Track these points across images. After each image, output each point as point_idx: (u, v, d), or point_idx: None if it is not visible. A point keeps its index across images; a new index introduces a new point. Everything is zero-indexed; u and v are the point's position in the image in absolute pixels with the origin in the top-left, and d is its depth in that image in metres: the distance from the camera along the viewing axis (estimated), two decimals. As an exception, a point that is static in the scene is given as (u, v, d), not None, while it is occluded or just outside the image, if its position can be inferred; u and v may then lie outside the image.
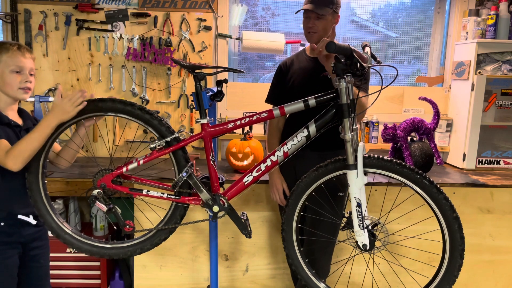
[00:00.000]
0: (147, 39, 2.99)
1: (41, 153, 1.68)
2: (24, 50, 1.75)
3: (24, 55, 1.74)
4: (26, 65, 1.74)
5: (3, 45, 1.74)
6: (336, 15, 2.03)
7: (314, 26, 2.00)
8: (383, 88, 1.59)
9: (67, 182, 2.45)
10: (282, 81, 2.18)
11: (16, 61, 1.72)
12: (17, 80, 1.72)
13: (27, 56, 1.75)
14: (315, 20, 1.99)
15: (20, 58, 1.73)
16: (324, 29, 2.01)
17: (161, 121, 1.65)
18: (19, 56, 1.73)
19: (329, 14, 1.98)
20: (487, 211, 2.63)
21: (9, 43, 1.75)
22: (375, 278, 2.11)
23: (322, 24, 1.99)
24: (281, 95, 2.15)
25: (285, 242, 1.75)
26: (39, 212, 1.73)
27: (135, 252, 1.78)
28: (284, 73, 2.18)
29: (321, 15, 1.96)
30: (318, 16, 1.98)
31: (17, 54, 1.73)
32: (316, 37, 2.02)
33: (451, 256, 1.56)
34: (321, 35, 2.01)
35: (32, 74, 1.78)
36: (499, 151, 2.97)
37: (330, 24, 2.03)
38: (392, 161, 1.54)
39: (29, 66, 1.76)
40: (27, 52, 1.77)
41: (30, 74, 1.76)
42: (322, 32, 2.01)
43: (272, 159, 1.68)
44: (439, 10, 3.27)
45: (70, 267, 2.65)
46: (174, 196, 1.72)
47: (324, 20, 1.99)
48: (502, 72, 2.92)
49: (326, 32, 2.02)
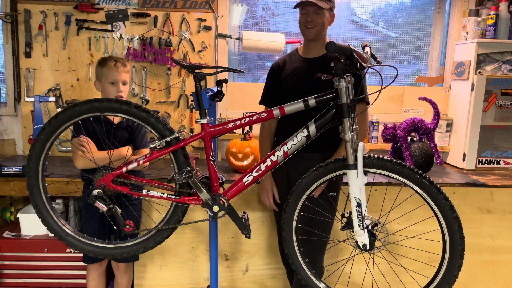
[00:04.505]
0: (147, 39, 2.99)
1: (40, 156, 1.67)
2: (118, 65, 2.13)
3: (118, 69, 2.12)
4: (119, 77, 2.12)
5: (104, 61, 2.15)
6: (332, 13, 2.04)
7: (312, 20, 2.00)
8: (383, 88, 1.59)
9: (67, 182, 2.45)
10: (275, 82, 2.17)
11: (111, 75, 2.11)
12: (113, 90, 2.12)
13: (120, 70, 2.13)
14: (314, 14, 1.99)
15: (115, 72, 2.11)
16: (322, 23, 2.01)
17: (158, 119, 1.65)
18: (114, 71, 2.11)
19: (327, 10, 1.99)
20: (487, 211, 2.63)
21: (108, 59, 2.16)
22: (375, 278, 2.11)
23: (320, 18, 2.00)
24: (275, 96, 2.14)
25: (285, 242, 1.75)
26: (40, 214, 1.73)
27: (138, 251, 1.77)
28: (277, 74, 2.17)
29: (321, 8, 1.96)
30: (317, 11, 1.98)
31: (112, 69, 2.11)
32: (314, 32, 2.02)
33: (451, 256, 1.56)
34: (318, 30, 2.01)
35: (125, 84, 2.16)
36: (499, 151, 2.97)
37: (327, 21, 2.04)
38: (392, 161, 1.54)
39: (122, 79, 2.13)
40: (121, 66, 2.14)
41: (123, 85, 2.14)
42: (320, 27, 2.01)
43: (272, 159, 1.68)
44: (439, 10, 3.27)
45: (70, 267, 2.64)
46: (174, 196, 1.72)
47: (322, 14, 1.99)
48: (502, 72, 2.92)
49: (323, 28, 2.03)
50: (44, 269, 2.63)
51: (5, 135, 3.10)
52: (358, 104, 1.99)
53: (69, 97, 3.03)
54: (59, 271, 2.65)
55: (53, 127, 1.65)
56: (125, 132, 2.18)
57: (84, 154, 2.00)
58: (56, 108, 2.85)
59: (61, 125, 1.66)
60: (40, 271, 2.63)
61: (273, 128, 2.22)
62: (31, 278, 2.64)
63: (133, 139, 2.19)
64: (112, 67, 2.11)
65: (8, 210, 2.95)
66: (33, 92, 2.99)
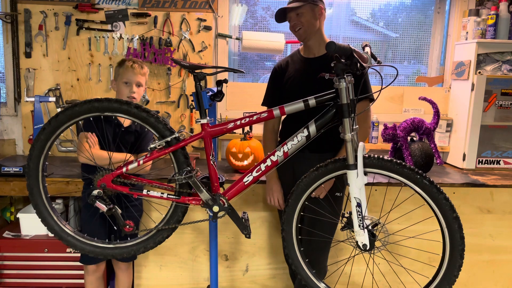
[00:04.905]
0: (147, 39, 2.99)
1: (40, 156, 1.67)
2: (135, 66, 2.13)
3: (134, 70, 2.12)
4: (134, 79, 2.12)
5: (123, 62, 2.17)
6: (317, 7, 2.02)
7: (296, 22, 2.02)
8: (383, 88, 1.59)
9: (67, 182, 2.45)
10: (278, 84, 2.17)
11: (127, 75, 2.12)
12: (127, 90, 2.12)
13: (136, 71, 2.12)
14: (295, 17, 2.02)
15: (130, 73, 2.11)
16: (307, 21, 2.01)
17: (158, 119, 1.65)
18: (130, 71, 2.12)
19: (305, 7, 1.99)
20: (487, 211, 2.63)
21: (127, 60, 2.17)
22: (375, 278, 2.11)
23: (303, 18, 2.01)
24: (278, 97, 2.14)
25: (285, 242, 1.75)
26: (40, 215, 1.73)
27: (139, 251, 1.77)
28: (280, 76, 2.17)
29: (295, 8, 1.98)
30: (297, 13, 2.00)
31: (128, 69, 2.12)
32: (303, 32, 2.03)
33: (451, 256, 1.55)
34: (306, 30, 2.02)
35: (139, 86, 2.15)
36: (499, 151, 2.97)
37: (313, 16, 2.02)
38: (392, 161, 1.54)
39: (136, 80, 2.13)
40: (138, 68, 2.13)
41: (138, 86, 2.14)
42: (307, 25, 2.02)
43: (272, 159, 1.68)
44: (439, 10, 3.27)
45: (70, 267, 2.64)
46: (174, 196, 1.72)
47: (305, 13, 2.00)
48: (502, 72, 2.92)
49: (311, 25, 2.02)
50: (44, 269, 2.63)
51: (5, 135, 3.10)
52: (362, 102, 2.00)
53: (69, 97, 3.03)
54: (59, 271, 2.65)
55: (53, 127, 1.65)
56: (132, 136, 2.20)
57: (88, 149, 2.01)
58: (56, 108, 2.85)
59: (61, 125, 1.65)
60: (40, 271, 2.63)
61: (276, 129, 2.22)
62: (31, 278, 2.64)
63: (138, 144, 2.20)
64: (129, 67, 2.12)
65: (8, 210, 2.95)
66: (33, 92, 2.99)
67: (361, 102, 2.00)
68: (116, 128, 2.15)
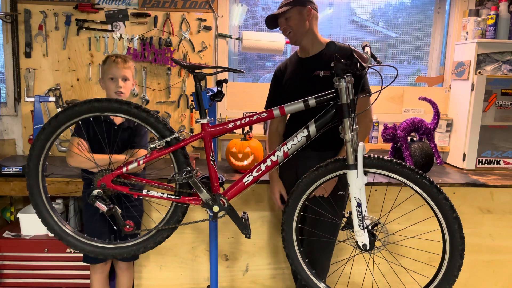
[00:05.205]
0: (147, 39, 2.99)
1: (40, 156, 1.67)
2: (118, 60, 2.10)
3: (117, 65, 2.09)
4: (119, 73, 2.10)
5: (105, 59, 2.15)
6: (305, 8, 2.02)
7: (286, 27, 2.05)
8: (383, 88, 1.59)
9: (67, 182, 2.45)
10: (278, 87, 2.20)
11: (111, 71, 2.10)
12: (113, 86, 2.10)
13: (120, 66, 2.09)
14: (285, 22, 2.05)
15: (114, 68, 2.09)
16: (295, 25, 2.03)
17: (158, 119, 1.65)
18: (113, 67, 2.09)
19: (292, 10, 2.01)
20: (487, 211, 2.63)
21: (110, 55, 2.15)
22: (375, 278, 2.11)
23: (291, 22, 2.03)
24: (279, 101, 2.14)
25: (285, 242, 1.75)
26: (40, 215, 1.73)
27: (139, 251, 1.78)
28: (279, 79, 2.20)
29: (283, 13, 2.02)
30: (286, 17, 2.03)
31: (112, 65, 2.10)
32: (293, 35, 2.06)
33: (451, 256, 1.55)
34: (296, 32, 2.05)
35: (126, 80, 2.12)
36: (499, 151, 2.97)
37: (301, 19, 2.03)
38: (392, 161, 1.54)
39: (121, 74, 2.10)
40: (121, 62, 2.11)
41: (124, 81, 2.11)
42: (296, 28, 2.04)
43: (272, 159, 1.68)
44: (439, 10, 3.27)
45: (70, 267, 2.64)
46: (174, 196, 1.72)
47: (292, 17, 2.02)
48: (502, 72, 2.92)
49: (300, 28, 2.04)
50: (44, 269, 2.63)
51: (5, 135, 3.10)
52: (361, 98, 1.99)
53: (69, 97, 3.03)
54: (59, 271, 2.65)
55: (53, 127, 1.65)
56: (125, 133, 2.17)
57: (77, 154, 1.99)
58: (56, 108, 2.85)
59: (61, 125, 1.66)
60: (40, 271, 2.63)
61: (280, 131, 2.23)
62: (31, 278, 2.64)
63: (132, 141, 2.19)
64: (112, 63, 2.11)
65: (8, 210, 2.95)
66: (33, 92, 2.99)
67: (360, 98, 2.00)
68: (109, 127, 2.12)
